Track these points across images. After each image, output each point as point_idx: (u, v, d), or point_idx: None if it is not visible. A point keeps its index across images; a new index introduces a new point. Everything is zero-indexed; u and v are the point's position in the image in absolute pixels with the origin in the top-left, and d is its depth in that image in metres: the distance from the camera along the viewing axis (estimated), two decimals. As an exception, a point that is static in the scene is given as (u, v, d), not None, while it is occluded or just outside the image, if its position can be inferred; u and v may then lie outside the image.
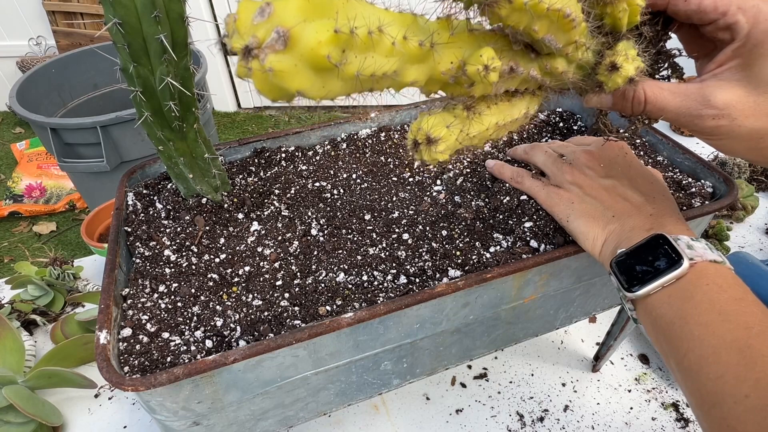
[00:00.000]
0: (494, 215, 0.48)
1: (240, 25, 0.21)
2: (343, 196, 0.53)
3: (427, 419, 0.65)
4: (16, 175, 2.06)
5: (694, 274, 0.34)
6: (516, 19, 0.27)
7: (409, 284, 0.42)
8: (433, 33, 0.27)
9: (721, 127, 0.31)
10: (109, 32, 0.37)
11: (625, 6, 0.30)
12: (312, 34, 0.21)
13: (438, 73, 0.28)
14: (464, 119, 0.32)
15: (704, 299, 0.32)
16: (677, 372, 0.33)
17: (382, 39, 0.24)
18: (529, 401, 0.67)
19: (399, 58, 0.26)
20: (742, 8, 0.29)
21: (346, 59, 0.23)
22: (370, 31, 0.23)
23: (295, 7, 0.21)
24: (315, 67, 0.22)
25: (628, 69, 0.31)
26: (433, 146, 0.30)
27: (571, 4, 0.28)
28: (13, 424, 0.60)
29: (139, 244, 0.47)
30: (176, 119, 0.43)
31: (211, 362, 0.34)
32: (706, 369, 0.31)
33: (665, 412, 0.65)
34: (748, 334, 0.30)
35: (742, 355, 0.29)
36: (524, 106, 0.36)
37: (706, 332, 0.31)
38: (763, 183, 0.99)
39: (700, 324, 0.32)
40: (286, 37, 0.21)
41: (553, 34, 0.29)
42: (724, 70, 0.31)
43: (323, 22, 0.22)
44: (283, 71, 0.21)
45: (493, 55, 0.27)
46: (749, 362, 0.29)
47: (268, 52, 0.21)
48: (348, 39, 0.23)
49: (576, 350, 0.73)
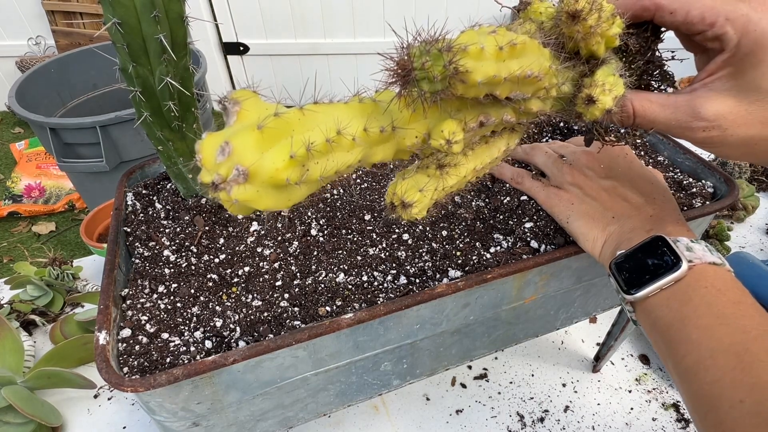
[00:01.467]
0: (494, 215, 0.47)
1: (205, 162, 0.23)
2: (343, 196, 0.53)
3: (427, 419, 0.65)
4: (15, 175, 2.06)
5: (693, 277, 0.33)
6: (474, 92, 0.27)
7: (409, 285, 0.42)
8: (393, 117, 0.28)
9: (713, 137, 0.31)
10: (109, 32, 0.37)
11: (598, 39, 0.30)
12: (269, 165, 0.23)
13: (404, 147, 0.30)
14: (438, 177, 0.32)
15: (702, 302, 0.32)
16: (675, 375, 0.33)
17: (341, 140, 0.26)
18: (530, 402, 0.67)
19: (362, 148, 0.27)
20: (730, 19, 0.29)
21: (306, 171, 0.25)
22: (327, 139, 0.25)
23: (251, 142, 0.23)
24: (276, 187, 0.24)
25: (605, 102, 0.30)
26: (408, 209, 0.31)
27: (532, 63, 0.27)
28: (12, 425, 0.59)
29: (139, 244, 0.47)
30: (176, 119, 0.43)
31: (211, 363, 0.34)
32: (702, 373, 0.30)
33: (666, 412, 0.65)
34: (746, 338, 0.30)
35: (739, 359, 0.29)
36: (503, 144, 0.35)
37: (703, 335, 0.31)
38: (763, 183, 0.99)
39: (698, 327, 0.32)
40: (245, 174, 0.23)
41: (518, 90, 0.29)
42: (715, 79, 0.31)
43: (280, 147, 0.24)
44: (248, 199, 0.24)
45: (454, 129, 0.28)
46: (746, 366, 0.29)
47: (233, 185, 0.23)
48: (305, 156, 0.24)
49: (576, 351, 0.73)
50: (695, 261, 0.34)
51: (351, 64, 2.53)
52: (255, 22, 2.39)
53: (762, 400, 0.28)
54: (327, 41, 2.44)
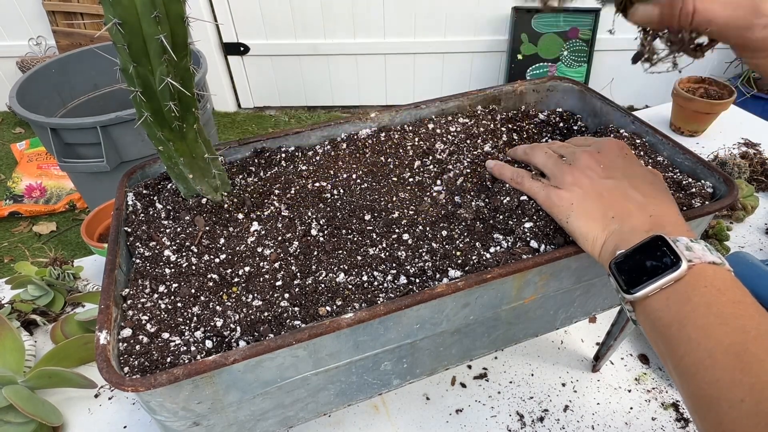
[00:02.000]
0: (494, 216, 0.48)
1: None
2: (343, 196, 0.53)
3: (427, 419, 0.65)
4: (16, 175, 2.06)
5: (693, 276, 0.33)
6: None
7: (409, 284, 0.42)
8: None
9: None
10: (109, 32, 0.37)
11: None
12: None
13: None
14: None
15: (702, 302, 0.32)
16: (674, 375, 0.33)
17: None
18: (529, 401, 0.67)
19: None
20: None
21: None
22: None
23: None
24: None
25: None
26: None
27: None
28: (13, 424, 0.60)
29: (139, 244, 0.47)
30: (176, 119, 0.43)
31: (211, 363, 0.34)
32: (702, 373, 0.30)
33: (665, 412, 0.65)
34: (745, 337, 0.30)
35: (739, 359, 0.29)
36: None
37: (702, 335, 0.31)
38: (763, 183, 0.99)
39: (698, 327, 0.32)
40: None
41: None
42: None
43: None
44: None
45: None
46: (745, 366, 0.29)
47: None
48: None
49: (576, 350, 0.73)
50: (695, 261, 0.34)
51: (351, 64, 2.53)
52: (255, 22, 2.39)
53: (761, 400, 0.28)
54: (327, 41, 2.45)
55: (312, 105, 2.70)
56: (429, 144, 0.59)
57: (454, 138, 0.60)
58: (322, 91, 2.64)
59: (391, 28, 2.40)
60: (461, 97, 0.64)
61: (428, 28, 2.40)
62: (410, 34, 2.42)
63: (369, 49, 2.46)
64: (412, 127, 0.62)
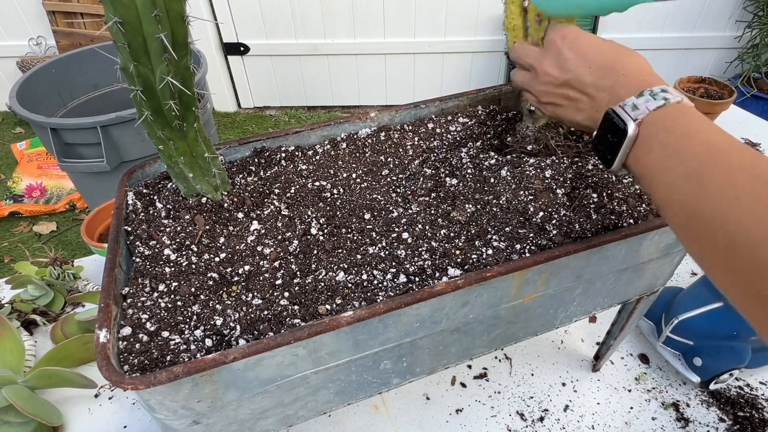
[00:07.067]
0: (494, 215, 0.48)
1: None
2: (342, 196, 0.53)
3: (427, 419, 0.65)
4: (16, 175, 2.07)
5: (646, 129, 0.36)
6: None
7: (408, 283, 0.42)
8: None
9: None
10: (110, 31, 0.37)
11: None
12: None
13: None
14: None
15: (659, 147, 0.35)
16: (673, 226, 0.35)
17: None
18: (529, 401, 0.67)
19: None
20: None
21: None
22: None
23: None
24: None
25: None
26: None
27: None
28: (13, 424, 0.60)
29: (139, 243, 0.47)
30: (176, 118, 0.43)
31: (211, 361, 0.34)
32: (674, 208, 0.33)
33: (665, 411, 0.65)
34: (699, 161, 0.32)
35: (695, 181, 0.31)
36: None
37: (665, 175, 0.34)
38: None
39: (661, 170, 0.34)
40: None
41: None
42: None
43: None
44: None
45: None
46: (704, 184, 0.31)
47: None
48: None
49: (576, 350, 0.73)
50: (640, 117, 0.36)
51: (351, 64, 2.53)
52: (255, 22, 2.39)
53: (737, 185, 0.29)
54: (327, 41, 2.45)
55: (312, 105, 2.70)
56: (428, 144, 0.60)
57: (454, 138, 0.60)
58: (321, 91, 2.64)
59: (391, 28, 2.40)
60: (461, 97, 0.64)
61: (428, 28, 2.40)
62: (410, 34, 2.42)
63: (369, 49, 2.46)
64: (411, 127, 0.62)
